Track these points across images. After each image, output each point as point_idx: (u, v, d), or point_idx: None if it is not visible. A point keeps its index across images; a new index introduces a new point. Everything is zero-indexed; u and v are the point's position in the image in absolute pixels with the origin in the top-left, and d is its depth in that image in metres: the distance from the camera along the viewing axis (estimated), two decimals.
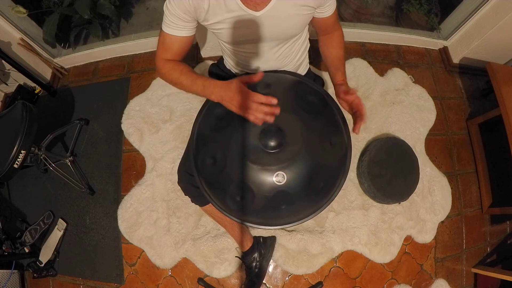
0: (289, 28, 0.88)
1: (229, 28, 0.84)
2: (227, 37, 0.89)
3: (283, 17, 0.82)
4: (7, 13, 1.61)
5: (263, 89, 0.96)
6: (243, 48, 0.96)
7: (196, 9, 0.79)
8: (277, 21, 0.83)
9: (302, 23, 0.89)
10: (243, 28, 0.84)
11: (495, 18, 1.67)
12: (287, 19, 0.83)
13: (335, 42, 0.99)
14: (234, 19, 0.81)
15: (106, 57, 2.01)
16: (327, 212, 1.57)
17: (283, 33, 0.89)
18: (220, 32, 0.88)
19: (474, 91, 2.03)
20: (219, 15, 0.80)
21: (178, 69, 0.89)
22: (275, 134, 0.84)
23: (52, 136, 1.66)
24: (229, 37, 0.88)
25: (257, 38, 0.89)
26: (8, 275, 1.51)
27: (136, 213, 1.59)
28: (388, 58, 2.02)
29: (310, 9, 0.84)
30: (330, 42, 0.99)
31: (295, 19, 0.85)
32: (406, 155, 1.64)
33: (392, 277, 1.57)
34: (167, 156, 1.66)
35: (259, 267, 1.40)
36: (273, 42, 0.92)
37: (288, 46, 0.97)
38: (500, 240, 1.78)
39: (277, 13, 0.80)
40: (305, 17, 0.86)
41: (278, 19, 0.82)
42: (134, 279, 1.53)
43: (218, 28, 0.85)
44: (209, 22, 0.83)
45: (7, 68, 1.72)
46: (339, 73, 0.93)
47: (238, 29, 0.84)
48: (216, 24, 0.83)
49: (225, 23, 0.83)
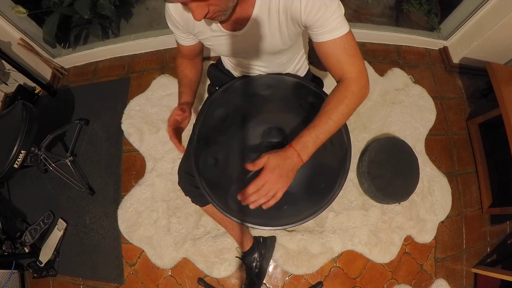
0: (273, 44, 0.83)
1: (217, 45, 0.87)
2: (218, 51, 0.94)
3: (265, 34, 0.80)
4: (7, 13, 1.61)
5: (264, 90, 0.96)
6: (237, 59, 0.99)
7: (185, 26, 0.84)
8: (260, 39, 0.82)
9: (289, 39, 0.81)
10: (229, 45, 0.86)
11: (495, 18, 1.67)
12: (270, 36, 0.80)
13: (334, 93, 0.75)
14: (218, 38, 0.84)
15: (106, 57, 2.01)
16: (327, 212, 1.57)
17: (269, 48, 0.86)
18: (210, 47, 0.91)
19: (474, 91, 2.03)
20: (204, 33, 0.84)
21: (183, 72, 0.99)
22: (276, 136, 0.84)
23: (52, 136, 1.66)
24: (220, 52, 0.93)
25: (245, 53, 0.91)
26: (8, 275, 1.51)
27: (136, 213, 1.59)
28: (388, 58, 2.02)
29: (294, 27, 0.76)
30: (332, 92, 0.76)
31: (278, 36, 0.80)
32: (406, 155, 1.64)
33: (392, 277, 1.57)
34: (167, 156, 1.66)
35: (259, 267, 1.40)
36: (262, 54, 0.91)
37: (282, 56, 0.95)
38: (500, 240, 1.78)
39: (257, 31, 0.79)
40: (289, 32, 0.78)
41: (261, 37, 0.81)
42: (134, 279, 1.53)
43: (208, 43, 0.89)
44: (199, 38, 0.88)
45: (7, 68, 1.72)
46: (303, 132, 0.71)
47: (225, 46, 0.87)
48: (205, 40, 0.88)
49: (212, 41, 0.86)
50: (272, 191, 0.68)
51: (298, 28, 0.77)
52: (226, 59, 1.08)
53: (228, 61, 1.07)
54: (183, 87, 0.96)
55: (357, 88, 0.74)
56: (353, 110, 0.75)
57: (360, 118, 1.78)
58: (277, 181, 0.68)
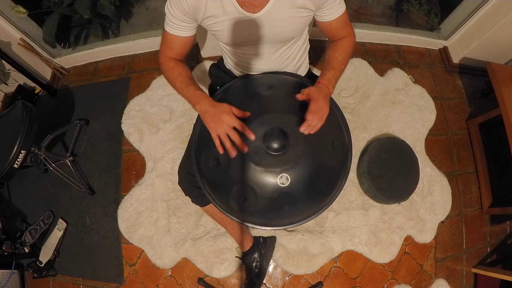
0: (287, 30, 0.87)
1: (227, 30, 0.85)
2: (225, 39, 0.89)
3: (281, 19, 0.82)
4: (7, 13, 1.61)
5: (265, 91, 0.96)
6: (242, 49, 0.96)
7: (195, 11, 0.80)
8: (274, 23, 0.83)
9: (301, 26, 0.87)
10: (241, 30, 0.84)
11: (495, 18, 1.67)
12: (285, 21, 0.83)
13: (337, 46, 0.96)
14: (231, 21, 0.81)
15: (106, 57, 2.01)
16: (327, 212, 1.57)
17: (281, 35, 0.88)
18: (218, 34, 0.88)
19: (474, 91, 2.03)
20: (217, 17, 0.81)
21: (178, 70, 0.92)
22: (278, 137, 0.84)
23: (52, 136, 1.66)
24: (228, 39, 0.89)
25: (255, 40, 0.89)
26: (8, 275, 1.51)
27: (136, 213, 1.59)
28: (388, 58, 2.02)
29: (308, 11, 0.83)
30: (333, 46, 0.96)
31: (293, 21, 0.84)
32: (406, 155, 1.64)
33: (392, 277, 1.57)
34: (167, 156, 1.66)
35: (259, 267, 1.40)
36: (271, 44, 0.92)
37: (288, 48, 0.97)
38: (500, 240, 1.79)
39: (274, 15, 0.80)
40: (303, 19, 0.85)
41: (276, 21, 0.82)
42: (134, 279, 1.53)
43: (217, 29, 0.85)
44: (208, 24, 0.84)
45: (7, 68, 1.71)
46: (325, 72, 0.91)
47: (236, 31, 0.85)
48: (214, 25, 0.84)
49: (223, 25, 0.83)
50: (324, 114, 0.82)
51: (310, 13, 0.84)
52: (227, 57, 1.07)
53: (229, 59, 1.07)
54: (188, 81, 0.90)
55: (354, 40, 0.98)
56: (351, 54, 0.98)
57: (360, 118, 1.78)
58: (326, 106, 0.83)
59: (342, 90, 1.85)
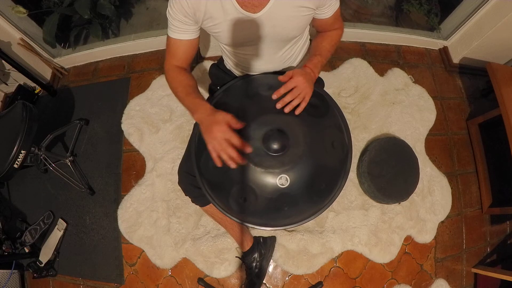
0: (288, 30, 0.87)
1: (228, 31, 0.84)
2: (226, 39, 0.89)
3: (282, 19, 0.82)
4: (7, 13, 1.61)
5: (266, 91, 0.96)
6: (243, 50, 0.96)
7: (195, 12, 0.80)
8: (275, 23, 0.82)
9: (302, 25, 0.88)
10: (241, 30, 0.84)
11: (495, 18, 1.67)
12: (286, 20, 0.83)
13: (326, 35, 0.98)
14: (231, 21, 0.81)
15: (106, 57, 2.01)
16: (327, 212, 1.57)
17: (282, 34, 0.88)
18: (219, 35, 0.88)
19: (474, 91, 2.03)
20: (216, 17, 0.80)
21: (179, 79, 0.90)
22: (278, 138, 0.83)
23: (52, 136, 1.66)
24: (228, 40, 0.88)
25: (256, 40, 0.89)
26: (8, 275, 1.51)
27: (136, 213, 1.59)
28: (388, 58, 2.02)
29: (309, 10, 0.83)
30: (322, 35, 0.99)
31: (294, 21, 0.84)
32: (406, 155, 1.64)
33: (392, 277, 1.57)
34: (167, 156, 1.66)
35: (259, 267, 1.40)
36: (272, 44, 0.92)
37: (289, 48, 0.97)
38: (500, 240, 1.79)
39: (275, 14, 0.80)
40: (304, 18, 0.85)
41: (277, 20, 0.82)
42: (134, 279, 1.53)
43: (217, 30, 0.85)
44: (208, 25, 0.84)
45: (7, 68, 1.72)
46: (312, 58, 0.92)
47: (237, 32, 0.84)
48: (214, 26, 0.83)
49: (223, 26, 0.83)
50: (302, 93, 0.82)
51: (311, 11, 0.84)
52: (228, 57, 1.07)
53: (229, 59, 1.07)
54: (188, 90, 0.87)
55: (342, 33, 1.01)
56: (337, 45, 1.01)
57: (360, 118, 1.78)
58: (305, 85, 0.82)
59: (342, 90, 1.85)
